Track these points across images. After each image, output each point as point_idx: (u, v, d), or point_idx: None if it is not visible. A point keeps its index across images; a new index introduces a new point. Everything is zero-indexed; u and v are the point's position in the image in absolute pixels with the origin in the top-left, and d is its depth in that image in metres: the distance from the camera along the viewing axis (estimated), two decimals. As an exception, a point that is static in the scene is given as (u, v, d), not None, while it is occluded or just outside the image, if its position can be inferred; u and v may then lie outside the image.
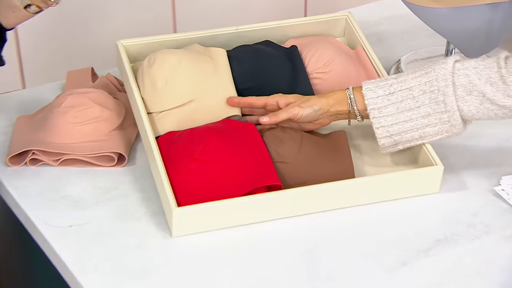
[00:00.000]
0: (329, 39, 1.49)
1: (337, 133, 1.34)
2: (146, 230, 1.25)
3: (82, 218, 1.26)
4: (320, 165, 1.29)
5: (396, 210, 1.27)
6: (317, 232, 1.24)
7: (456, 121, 1.25)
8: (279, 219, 1.25)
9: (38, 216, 1.26)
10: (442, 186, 1.30)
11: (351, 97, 1.30)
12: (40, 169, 1.34)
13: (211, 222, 1.23)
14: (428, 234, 1.24)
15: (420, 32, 1.64)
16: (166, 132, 1.33)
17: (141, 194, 1.30)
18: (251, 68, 1.40)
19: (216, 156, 1.27)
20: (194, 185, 1.25)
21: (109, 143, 1.36)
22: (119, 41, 1.44)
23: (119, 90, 1.48)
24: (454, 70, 1.24)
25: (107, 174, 1.34)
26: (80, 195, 1.30)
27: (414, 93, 1.26)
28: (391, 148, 1.29)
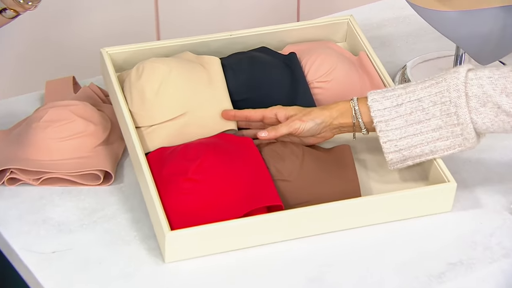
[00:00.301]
0: (330, 44, 1.43)
1: (341, 148, 1.28)
2: (136, 255, 1.18)
3: (66, 244, 1.20)
4: (324, 182, 1.23)
5: (406, 231, 1.22)
6: (320, 256, 1.19)
7: (470, 134, 1.19)
8: (280, 242, 1.20)
9: (18, 241, 1.20)
10: (455, 204, 1.24)
11: (355, 108, 1.24)
12: (19, 189, 1.27)
13: (207, 246, 1.17)
14: (441, 258, 1.18)
15: (425, 34, 1.59)
16: (157, 148, 1.27)
17: (130, 215, 1.24)
18: (247, 77, 1.34)
19: (212, 174, 1.20)
20: (188, 206, 1.19)
21: (94, 160, 1.29)
22: (103, 49, 1.37)
23: (104, 102, 1.42)
24: (467, 80, 1.18)
25: (93, 193, 1.27)
26: (63, 218, 1.23)
27: (423, 105, 1.20)
28: (399, 164, 1.23)
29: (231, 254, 1.18)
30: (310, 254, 1.19)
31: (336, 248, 1.19)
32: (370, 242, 1.20)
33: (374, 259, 1.18)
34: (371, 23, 1.63)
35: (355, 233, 1.21)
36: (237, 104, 1.32)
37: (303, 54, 1.40)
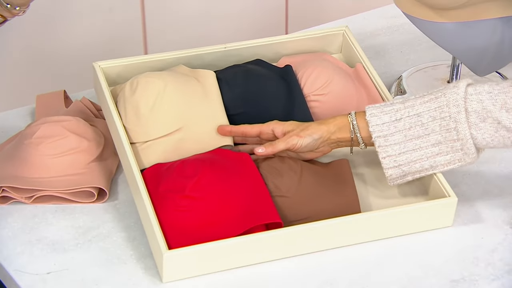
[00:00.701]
0: (326, 56, 1.43)
1: (339, 162, 1.28)
2: (133, 275, 1.18)
3: (61, 264, 1.19)
4: (323, 198, 1.23)
5: (407, 246, 1.22)
6: (321, 273, 1.18)
7: (470, 149, 1.19)
8: (280, 259, 1.19)
9: (11, 262, 1.19)
10: (455, 218, 1.24)
11: (353, 123, 1.24)
12: (12, 207, 1.26)
13: (206, 265, 1.17)
14: (443, 274, 1.18)
15: (420, 44, 1.59)
16: (152, 165, 1.26)
17: (126, 234, 1.24)
18: (243, 91, 1.34)
19: (210, 192, 1.20)
20: (185, 224, 1.19)
21: (88, 177, 1.29)
22: (96, 63, 1.36)
23: (96, 116, 1.41)
24: (467, 95, 1.19)
25: (87, 211, 1.27)
26: (57, 237, 1.23)
27: (423, 120, 1.20)
28: (399, 179, 1.23)
29: (230, 273, 1.18)
30: (311, 271, 1.19)
31: (337, 265, 1.19)
32: (371, 259, 1.20)
33: (376, 276, 1.18)
34: (364, 32, 1.63)
35: (356, 249, 1.21)
36: (233, 118, 1.32)
37: (298, 66, 1.40)
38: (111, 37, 1.90)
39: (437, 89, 1.22)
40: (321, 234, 1.19)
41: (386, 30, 1.64)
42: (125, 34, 1.94)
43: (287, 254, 1.20)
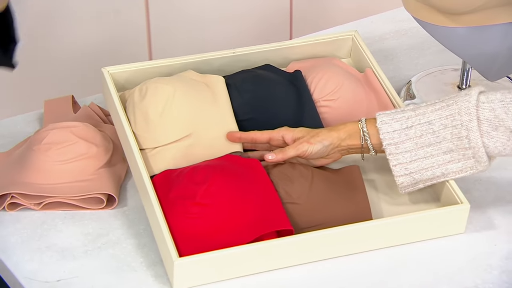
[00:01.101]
0: (335, 61, 1.43)
1: (350, 168, 1.28)
2: (143, 283, 1.18)
3: (71, 271, 1.18)
4: (334, 204, 1.23)
5: (419, 253, 1.21)
6: (333, 281, 1.18)
7: (482, 158, 1.19)
8: (291, 267, 1.19)
9: (21, 270, 1.18)
10: (467, 225, 1.24)
11: (364, 130, 1.23)
12: (21, 214, 1.26)
13: (217, 273, 1.17)
14: (456, 282, 1.18)
15: (429, 48, 1.59)
16: (162, 171, 1.26)
17: (135, 241, 1.23)
18: (252, 97, 1.33)
19: (221, 198, 1.20)
20: (196, 231, 1.18)
21: (97, 183, 1.28)
22: (104, 68, 1.36)
23: (104, 121, 1.40)
24: (479, 103, 1.18)
25: (96, 218, 1.26)
26: (67, 244, 1.22)
27: (434, 128, 1.20)
28: (410, 187, 1.22)
29: (241, 280, 1.17)
30: (322, 279, 1.18)
31: (349, 272, 1.19)
32: (383, 266, 1.20)
33: (387, 283, 1.18)
34: (372, 36, 1.63)
35: (367, 256, 1.21)
36: (242, 124, 1.32)
37: (308, 71, 1.39)
38: (116, 39, 1.90)
39: (449, 97, 1.22)
40: (332, 241, 1.19)
41: (394, 34, 1.64)
42: (129, 36, 1.94)
43: (298, 262, 1.19)
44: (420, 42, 1.60)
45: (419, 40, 1.61)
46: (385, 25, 1.65)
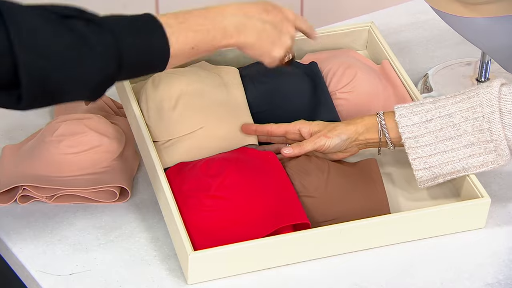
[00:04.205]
0: (351, 53, 1.42)
1: (367, 162, 1.27)
2: (157, 276, 1.17)
3: (84, 264, 1.18)
4: (351, 198, 1.21)
5: (439, 248, 1.20)
6: (351, 275, 1.17)
7: (504, 151, 1.17)
8: (308, 261, 1.18)
9: (33, 263, 1.17)
10: (488, 219, 1.23)
11: (382, 124, 1.22)
12: (32, 207, 1.25)
13: (232, 267, 1.16)
14: (477, 277, 1.17)
15: (446, 40, 1.57)
16: (176, 164, 1.25)
17: (149, 234, 1.22)
18: (267, 89, 1.32)
19: (236, 191, 1.19)
20: (211, 224, 1.17)
21: (110, 176, 1.27)
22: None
23: (116, 114, 1.39)
24: (501, 95, 1.17)
25: (109, 211, 1.25)
26: (79, 237, 1.21)
27: (454, 120, 1.18)
28: (430, 182, 1.21)
29: (257, 275, 1.16)
30: (339, 273, 1.17)
31: (366, 267, 1.18)
32: (401, 261, 1.19)
33: (407, 279, 1.17)
34: (388, 28, 1.61)
35: (386, 251, 1.19)
36: (257, 116, 1.30)
37: (323, 63, 1.38)
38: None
39: (469, 89, 1.20)
40: (350, 235, 1.18)
41: (410, 26, 1.62)
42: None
43: (315, 256, 1.18)
44: (437, 34, 1.59)
45: (436, 32, 1.59)
46: (401, 17, 1.64)
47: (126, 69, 1.07)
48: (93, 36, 1.03)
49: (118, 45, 1.05)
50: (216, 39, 1.14)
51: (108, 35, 1.04)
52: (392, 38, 1.58)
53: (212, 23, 1.14)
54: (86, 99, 1.09)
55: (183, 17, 1.13)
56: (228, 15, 1.15)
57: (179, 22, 1.12)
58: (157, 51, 1.09)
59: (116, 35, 1.05)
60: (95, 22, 1.04)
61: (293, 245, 1.16)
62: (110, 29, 1.05)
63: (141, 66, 1.10)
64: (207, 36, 1.13)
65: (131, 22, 1.09)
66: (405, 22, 1.63)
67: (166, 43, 1.09)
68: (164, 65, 1.11)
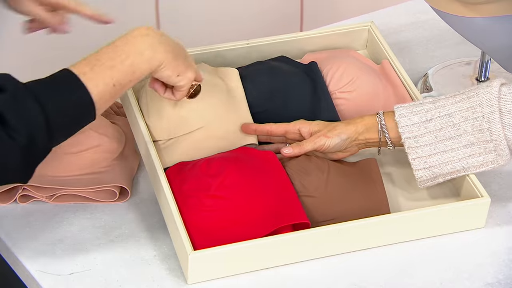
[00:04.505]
0: (351, 53, 1.42)
1: (367, 161, 1.27)
2: (157, 276, 1.17)
3: (84, 264, 1.18)
4: (351, 198, 1.22)
5: (438, 248, 1.20)
6: (350, 275, 1.17)
7: (503, 151, 1.18)
8: (307, 261, 1.18)
9: (33, 263, 1.18)
10: (487, 219, 1.23)
11: (382, 123, 1.22)
12: (32, 206, 1.25)
13: (232, 267, 1.16)
14: (476, 277, 1.17)
15: (445, 40, 1.57)
16: (176, 163, 1.25)
17: (148, 234, 1.22)
18: (267, 88, 1.32)
19: (236, 191, 1.19)
20: (211, 224, 1.18)
21: (110, 175, 1.27)
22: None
23: (116, 113, 1.39)
24: (500, 95, 1.17)
25: (108, 210, 1.25)
26: (79, 237, 1.22)
27: (454, 120, 1.19)
28: (429, 181, 1.21)
29: (257, 274, 1.16)
30: (339, 273, 1.17)
31: (366, 267, 1.18)
32: (401, 260, 1.19)
33: (406, 279, 1.17)
34: (387, 28, 1.61)
35: (385, 251, 1.20)
36: (257, 116, 1.30)
37: (323, 63, 1.38)
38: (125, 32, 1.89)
39: (469, 89, 1.20)
40: (349, 235, 1.18)
41: (410, 26, 1.62)
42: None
43: (315, 256, 1.18)
44: (437, 34, 1.59)
45: (435, 32, 1.59)
46: (401, 17, 1.64)
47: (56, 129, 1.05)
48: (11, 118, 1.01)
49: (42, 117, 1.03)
50: (135, 66, 1.10)
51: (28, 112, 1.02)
52: (392, 38, 1.58)
53: (125, 52, 1.10)
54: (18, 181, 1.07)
55: (94, 59, 1.10)
56: (136, 38, 1.12)
57: (92, 66, 1.09)
58: (80, 104, 1.07)
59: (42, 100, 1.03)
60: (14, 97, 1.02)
61: (293, 245, 1.16)
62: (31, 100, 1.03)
63: (70, 123, 1.07)
64: (124, 67, 1.10)
65: (50, 81, 1.07)
66: (405, 22, 1.63)
67: (85, 93, 1.06)
68: (93, 113, 1.08)
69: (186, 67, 1.16)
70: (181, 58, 1.15)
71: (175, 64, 1.14)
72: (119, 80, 1.09)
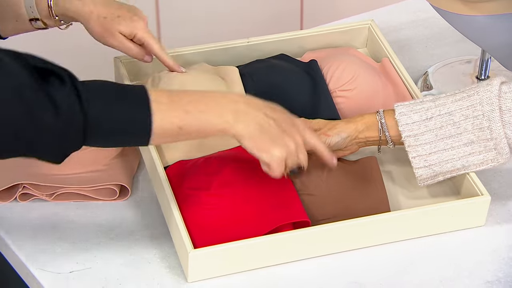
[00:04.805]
0: (351, 51, 1.42)
1: (367, 159, 1.27)
2: (157, 274, 1.17)
3: (84, 262, 1.18)
4: (351, 196, 1.22)
5: (438, 246, 1.20)
6: (350, 273, 1.17)
7: (504, 149, 1.18)
8: (308, 259, 1.18)
9: (33, 261, 1.18)
10: (488, 217, 1.23)
11: (382, 122, 1.22)
12: (32, 205, 1.25)
13: (232, 265, 1.16)
14: (476, 275, 1.17)
15: (445, 38, 1.57)
16: (176, 162, 1.25)
17: (149, 232, 1.22)
18: (267, 87, 1.32)
19: (236, 189, 1.19)
20: (211, 222, 1.18)
21: (110, 174, 1.27)
22: (117, 57, 1.35)
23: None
24: (501, 93, 1.17)
25: (109, 209, 1.25)
26: (79, 235, 1.22)
27: (454, 119, 1.19)
28: (430, 180, 1.21)
29: (257, 272, 1.16)
30: (339, 271, 1.17)
31: (366, 265, 1.18)
32: (401, 259, 1.19)
33: (406, 277, 1.17)
34: (387, 26, 1.61)
35: (386, 249, 1.20)
36: (257, 114, 1.30)
37: (323, 61, 1.38)
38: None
39: (469, 87, 1.20)
40: (349, 233, 1.18)
41: (410, 24, 1.62)
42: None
43: (315, 254, 1.18)
44: (437, 32, 1.59)
45: (436, 30, 1.59)
46: (401, 15, 1.64)
47: (100, 135, 1.03)
48: (60, 99, 1.00)
49: (87, 111, 1.01)
50: (210, 122, 1.06)
51: (76, 99, 1.01)
52: (392, 36, 1.58)
53: (208, 106, 1.07)
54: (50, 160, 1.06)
55: (177, 95, 1.06)
56: (228, 100, 1.08)
57: (171, 100, 1.05)
58: (136, 125, 1.04)
59: (91, 101, 1.02)
60: (73, 84, 1.02)
61: (293, 243, 1.16)
62: (87, 93, 1.02)
63: (118, 136, 1.05)
64: (199, 118, 1.06)
65: (119, 89, 1.05)
66: (405, 20, 1.63)
67: (147, 118, 1.03)
68: (145, 141, 1.05)
69: (270, 145, 1.09)
70: (268, 134, 1.09)
71: (256, 139, 1.09)
72: (187, 126, 1.06)
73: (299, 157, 1.12)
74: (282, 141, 1.10)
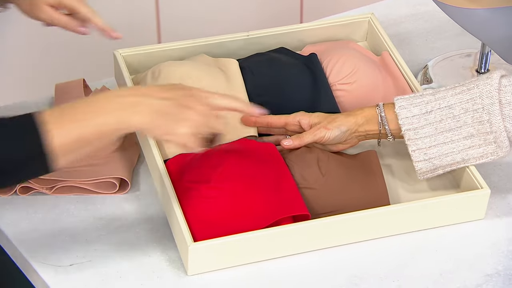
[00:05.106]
0: (351, 44, 1.42)
1: (367, 153, 1.27)
2: (157, 267, 1.17)
3: (84, 255, 1.18)
4: (351, 190, 1.22)
5: (438, 240, 1.21)
6: (350, 267, 1.17)
7: (503, 142, 1.18)
8: (308, 252, 1.18)
9: (33, 254, 1.18)
10: (487, 211, 1.23)
11: (382, 115, 1.22)
12: (32, 198, 1.25)
13: (232, 258, 1.16)
14: (476, 268, 1.17)
15: (445, 31, 1.57)
16: (176, 155, 1.25)
17: (148, 225, 1.22)
18: (267, 80, 1.32)
19: (236, 182, 1.19)
20: (211, 216, 1.18)
21: (110, 167, 1.27)
22: (117, 51, 1.35)
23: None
24: (500, 87, 1.17)
25: (109, 202, 1.25)
26: (79, 228, 1.22)
27: (454, 112, 1.19)
28: (429, 173, 1.21)
29: (257, 266, 1.17)
30: (339, 265, 1.17)
31: (366, 258, 1.18)
32: (401, 252, 1.19)
33: (406, 270, 1.17)
34: (387, 20, 1.61)
35: (386, 242, 1.20)
36: (257, 107, 1.31)
37: (323, 54, 1.38)
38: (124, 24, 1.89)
39: (469, 81, 1.20)
40: (349, 226, 1.18)
41: (410, 17, 1.62)
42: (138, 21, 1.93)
43: (315, 247, 1.18)
44: (437, 26, 1.59)
45: (435, 24, 1.59)
46: (401, 9, 1.64)
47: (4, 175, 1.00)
48: None
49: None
50: (104, 124, 1.03)
51: None
52: (392, 29, 1.58)
53: (95, 108, 1.04)
54: None
55: (65, 109, 1.03)
56: (114, 96, 1.05)
57: (60, 115, 1.02)
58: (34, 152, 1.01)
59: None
60: None
61: (293, 236, 1.16)
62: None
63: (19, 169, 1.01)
64: (92, 123, 1.03)
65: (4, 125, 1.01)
66: (405, 14, 1.63)
67: (41, 142, 1.00)
68: (47, 166, 1.02)
69: (173, 126, 1.06)
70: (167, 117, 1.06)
71: (156, 126, 1.05)
72: (84, 136, 1.03)
73: (210, 124, 1.09)
74: (183, 116, 1.06)
